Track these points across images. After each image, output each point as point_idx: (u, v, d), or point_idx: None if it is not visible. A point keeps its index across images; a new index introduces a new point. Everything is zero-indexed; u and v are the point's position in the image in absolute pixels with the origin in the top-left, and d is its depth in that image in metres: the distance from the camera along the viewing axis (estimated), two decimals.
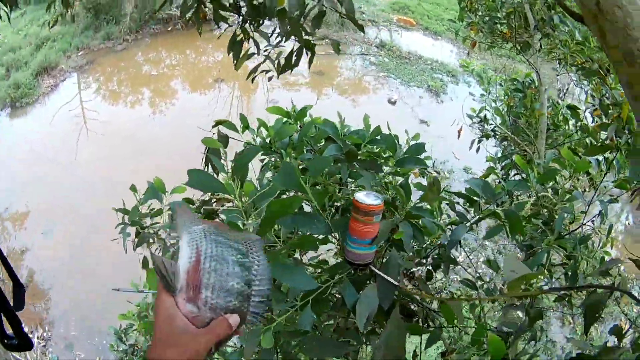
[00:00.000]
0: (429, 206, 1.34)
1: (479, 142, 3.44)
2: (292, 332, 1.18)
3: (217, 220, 0.99)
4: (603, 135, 2.85)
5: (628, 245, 6.31)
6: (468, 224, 1.33)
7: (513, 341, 1.73)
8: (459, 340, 1.62)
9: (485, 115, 3.46)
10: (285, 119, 1.65)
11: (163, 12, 11.17)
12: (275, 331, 1.11)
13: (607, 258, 1.86)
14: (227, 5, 2.25)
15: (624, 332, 1.46)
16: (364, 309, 1.04)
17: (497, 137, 3.36)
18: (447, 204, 1.46)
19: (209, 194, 1.98)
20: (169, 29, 11.82)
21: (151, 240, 2.22)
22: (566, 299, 2.04)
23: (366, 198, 1.05)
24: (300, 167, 1.42)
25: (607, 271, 1.55)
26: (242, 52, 2.26)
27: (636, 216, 7.33)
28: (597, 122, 3.00)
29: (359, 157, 1.42)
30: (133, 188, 2.06)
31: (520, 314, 2.07)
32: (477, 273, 1.82)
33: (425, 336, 1.38)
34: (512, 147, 2.92)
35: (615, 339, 1.43)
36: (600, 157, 2.46)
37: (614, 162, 2.15)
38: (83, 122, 9.06)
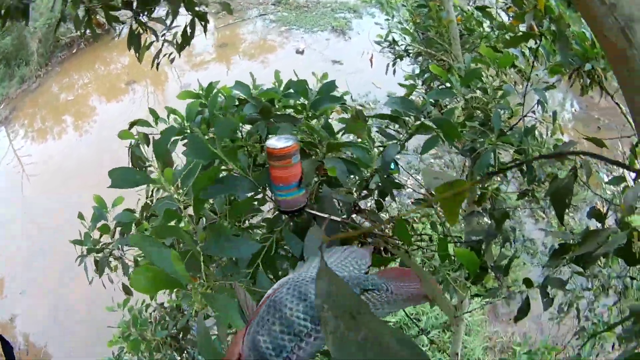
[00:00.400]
0: (359, 139, 1.32)
1: (394, 64, 3.40)
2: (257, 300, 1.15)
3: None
4: (522, 29, 2.85)
5: (580, 130, 6.49)
6: (398, 143, 1.31)
7: (486, 248, 1.73)
8: (430, 260, 1.62)
9: (393, 38, 3.42)
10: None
11: (64, 37, 10.95)
12: None
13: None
14: (118, 5, 2.17)
15: (603, 214, 1.45)
16: (312, 254, 1.01)
17: (411, 55, 3.34)
18: (377, 131, 1.44)
19: (148, 199, 1.95)
20: (74, 51, 11.53)
21: (111, 262, 2.20)
22: (529, 194, 2.02)
23: (277, 142, 1.02)
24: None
25: (563, 154, 1.53)
26: (142, 44, 2.18)
27: (580, 102, 7.53)
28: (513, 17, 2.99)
29: (275, 113, 1.38)
30: (80, 216, 2.05)
31: (486, 220, 2.08)
32: (429, 192, 1.81)
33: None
34: (429, 61, 2.91)
35: (597, 222, 1.42)
36: (525, 50, 2.45)
37: (540, 49, 2.12)
38: (22, 170, 8.73)
